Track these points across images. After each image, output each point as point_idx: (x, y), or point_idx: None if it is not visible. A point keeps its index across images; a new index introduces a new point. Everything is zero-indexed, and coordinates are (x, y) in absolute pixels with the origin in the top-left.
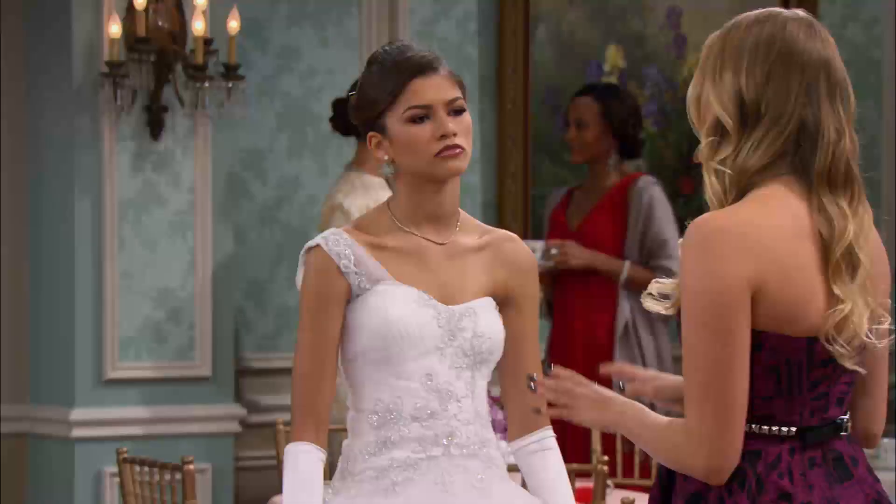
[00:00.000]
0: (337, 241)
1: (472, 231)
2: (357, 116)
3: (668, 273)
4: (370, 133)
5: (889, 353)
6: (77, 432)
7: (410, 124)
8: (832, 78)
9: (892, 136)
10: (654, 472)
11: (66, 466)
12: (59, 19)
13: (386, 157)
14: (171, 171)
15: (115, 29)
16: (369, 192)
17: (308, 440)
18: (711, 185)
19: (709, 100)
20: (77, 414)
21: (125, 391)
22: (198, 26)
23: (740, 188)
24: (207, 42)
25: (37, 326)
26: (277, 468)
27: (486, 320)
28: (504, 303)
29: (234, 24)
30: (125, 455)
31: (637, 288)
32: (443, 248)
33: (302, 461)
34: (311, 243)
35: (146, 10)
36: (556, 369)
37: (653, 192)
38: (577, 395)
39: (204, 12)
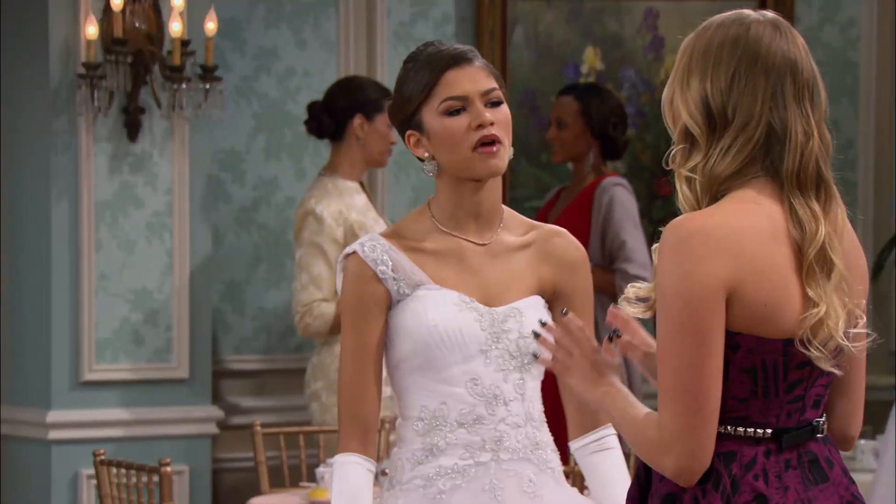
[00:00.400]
0: (373, 247)
1: (517, 228)
2: (394, 117)
3: (626, 276)
4: (408, 132)
5: (866, 354)
6: (54, 434)
7: (446, 117)
8: (799, 78)
9: (870, 138)
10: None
11: (43, 469)
12: (36, 20)
13: (426, 155)
14: (149, 173)
15: (91, 30)
16: (343, 197)
17: (354, 450)
18: (683, 193)
19: (678, 106)
20: (54, 416)
21: (102, 393)
22: (175, 28)
23: (713, 194)
24: (185, 43)
25: (13, 328)
26: (255, 470)
27: (532, 320)
28: (554, 299)
29: (211, 26)
30: (102, 457)
31: (597, 290)
32: (485, 248)
33: (349, 473)
34: (348, 249)
35: (123, 11)
36: (570, 317)
37: (613, 193)
38: (574, 356)
39: (181, 14)
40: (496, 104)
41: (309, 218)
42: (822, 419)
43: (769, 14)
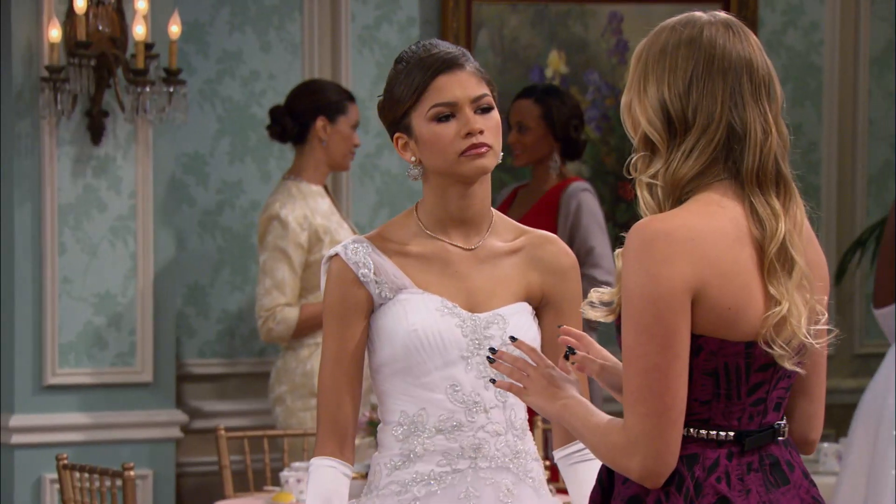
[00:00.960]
0: (356, 250)
1: (506, 233)
2: (383, 118)
3: (593, 282)
4: (396, 134)
5: (830, 357)
6: (17, 438)
7: (435, 123)
8: (755, 76)
9: (833, 141)
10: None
11: (6, 473)
12: None
13: (413, 159)
14: (112, 176)
15: (55, 33)
16: (307, 201)
17: (330, 454)
18: (644, 200)
19: (637, 114)
20: (17, 420)
21: (65, 397)
22: (139, 31)
23: (675, 198)
24: (148, 47)
25: None
26: (219, 474)
27: (516, 327)
28: (542, 306)
29: (175, 29)
30: (65, 461)
31: None
32: (471, 253)
33: (324, 476)
34: (331, 251)
35: (86, 14)
36: (519, 342)
37: (581, 199)
38: (530, 376)
39: (145, 17)
40: (486, 110)
41: (273, 222)
42: (784, 422)
43: (720, 14)
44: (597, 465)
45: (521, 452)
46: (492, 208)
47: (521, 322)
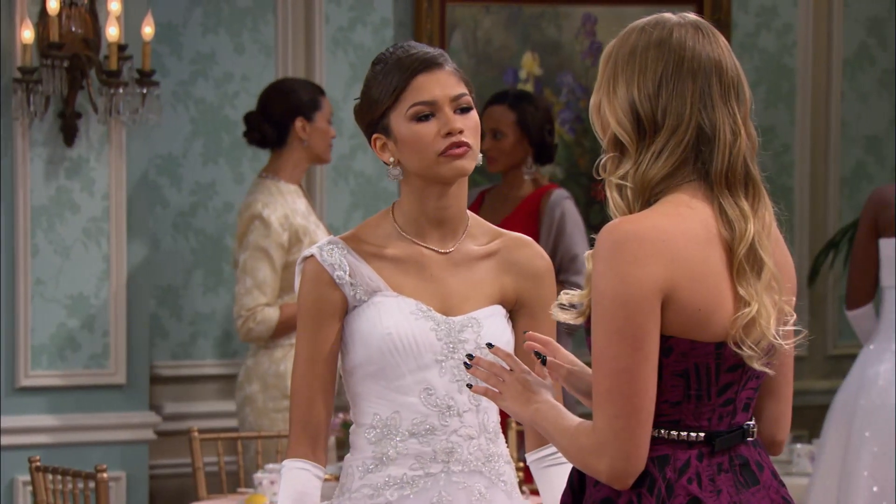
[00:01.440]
0: (332, 251)
1: (482, 236)
2: (360, 119)
3: (578, 288)
4: (374, 135)
5: (803, 359)
6: None
7: (415, 122)
8: (724, 78)
9: (806, 143)
10: None
11: None
12: None
13: (391, 160)
14: (85, 178)
15: (27, 34)
16: (287, 201)
17: (302, 456)
18: (614, 201)
19: (606, 115)
20: None
21: (38, 399)
22: (112, 32)
23: (644, 200)
24: (121, 48)
25: None
26: (193, 476)
27: (490, 331)
28: (517, 310)
29: (148, 30)
30: (38, 463)
31: None
32: (446, 256)
33: (296, 478)
34: (306, 252)
35: (59, 15)
36: (496, 349)
37: (565, 207)
38: (506, 381)
39: (118, 18)
40: (465, 110)
41: (255, 222)
42: (753, 422)
43: (689, 16)
44: (569, 468)
45: (493, 456)
46: (468, 210)
47: (495, 325)
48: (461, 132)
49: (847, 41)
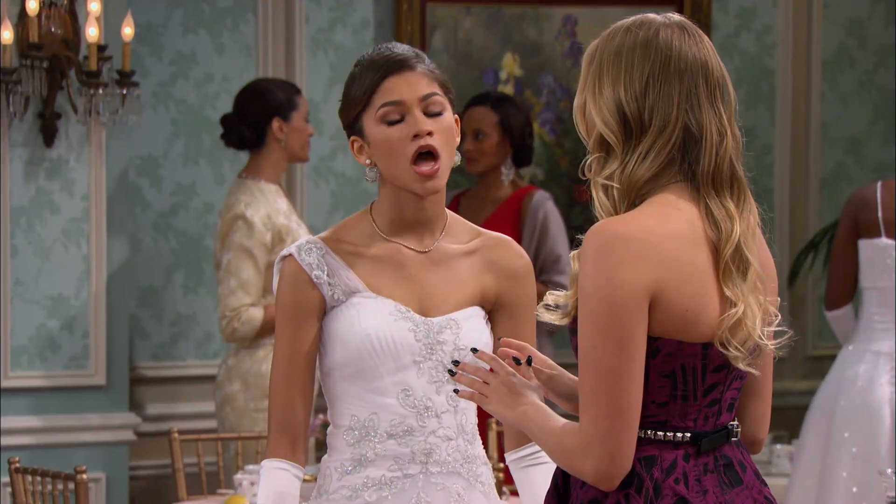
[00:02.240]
0: (310, 251)
1: (461, 235)
2: (342, 120)
3: (562, 289)
4: (352, 137)
5: (782, 359)
6: None
7: (385, 125)
8: (710, 78)
9: (786, 144)
10: None
11: None
12: None
13: (368, 162)
14: (65, 179)
15: (6, 35)
16: (269, 201)
17: (281, 456)
18: (600, 201)
19: (591, 115)
20: None
21: (17, 400)
22: (91, 32)
23: (631, 200)
24: (101, 48)
25: None
26: (172, 477)
27: (469, 332)
28: (496, 309)
29: (128, 31)
30: (17, 465)
31: None
32: (425, 255)
33: (275, 478)
34: (284, 252)
35: (39, 16)
36: (480, 353)
37: (547, 208)
38: (491, 385)
39: (98, 18)
40: (437, 114)
41: (238, 222)
42: (736, 423)
43: (674, 16)
44: (549, 468)
45: (471, 457)
46: (447, 210)
47: (473, 327)
48: (430, 134)
49: (827, 42)
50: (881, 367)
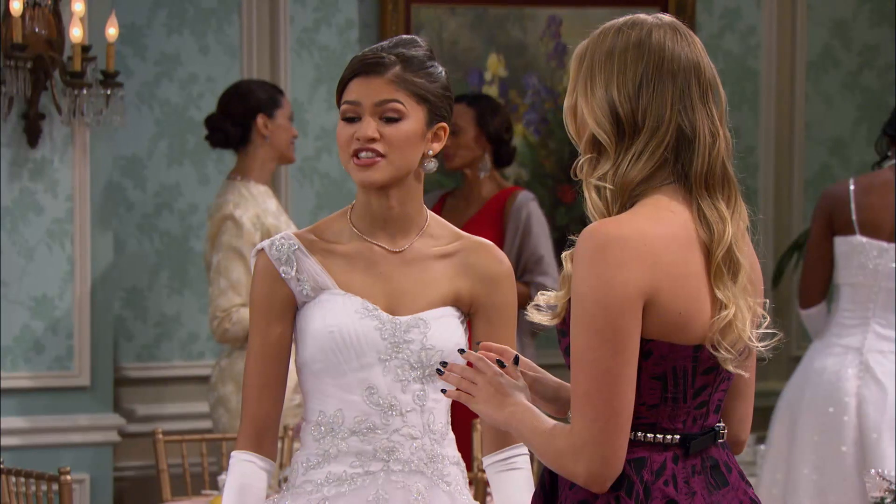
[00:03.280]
0: (280, 247)
1: (440, 237)
2: None
3: (544, 289)
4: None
5: (766, 360)
6: None
7: (343, 121)
8: (703, 79)
9: (770, 145)
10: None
11: None
12: None
13: None
14: (49, 179)
15: None
16: (258, 202)
17: (250, 449)
18: (592, 202)
19: (583, 116)
20: None
21: (2, 401)
22: (75, 33)
23: (623, 202)
24: (85, 49)
25: None
26: (157, 478)
27: (437, 332)
28: (473, 313)
29: (112, 31)
30: (1, 465)
31: None
32: (398, 255)
33: (240, 469)
34: (258, 246)
35: (23, 16)
36: (468, 354)
37: (531, 209)
38: (478, 385)
39: (82, 19)
40: (393, 120)
41: (227, 223)
42: (722, 424)
43: (665, 17)
44: (523, 473)
45: (438, 457)
46: (429, 211)
47: (443, 326)
48: (371, 140)
49: (811, 43)
50: (849, 361)
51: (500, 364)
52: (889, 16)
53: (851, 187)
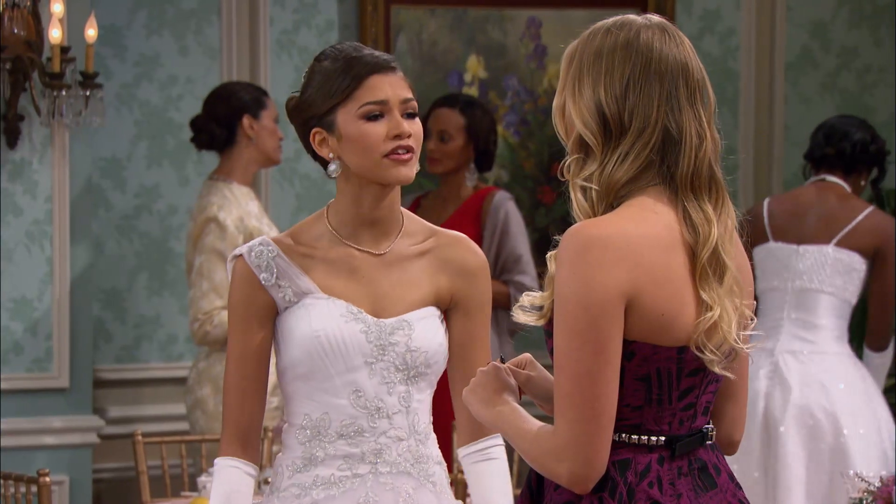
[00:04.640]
0: (260, 253)
1: (416, 235)
2: (298, 113)
3: (522, 288)
4: (314, 129)
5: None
6: None
7: (364, 121)
8: (691, 80)
9: (749, 146)
10: (518, 480)
11: None
12: None
13: (331, 155)
14: (28, 181)
15: None
16: (241, 204)
17: (233, 454)
18: (578, 202)
19: (571, 116)
20: None
21: None
22: (55, 34)
23: (609, 202)
24: (64, 50)
25: None
26: (136, 480)
27: (421, 333)
28: (451, 308)
29: (91, 32)
30: None
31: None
32: (380, 257)
33: (227, 476)
34: (236, 251)
35: (1, 17)
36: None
37: (508, 208)
38: (473, 382)
39: (61, 20)
40: (412, 116)
41: (211, 224)
42: (711, 426)
43: (654, 18)
44: (498, 464)
45: (422, 457)
46: (403, 209)
47: (427, 327)
48: (409, 136)
49: (790, 45)
50: (761, 361)
51: (502, 359)
52: (867, 17)
53: (766, 204)
